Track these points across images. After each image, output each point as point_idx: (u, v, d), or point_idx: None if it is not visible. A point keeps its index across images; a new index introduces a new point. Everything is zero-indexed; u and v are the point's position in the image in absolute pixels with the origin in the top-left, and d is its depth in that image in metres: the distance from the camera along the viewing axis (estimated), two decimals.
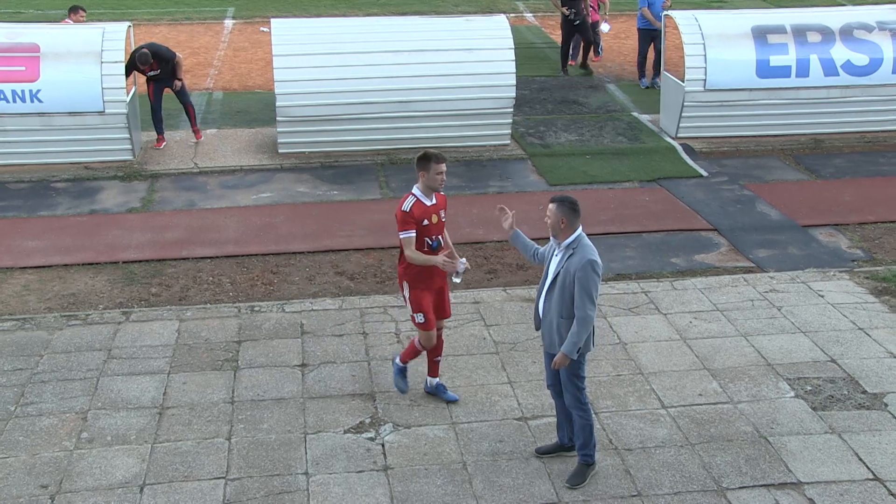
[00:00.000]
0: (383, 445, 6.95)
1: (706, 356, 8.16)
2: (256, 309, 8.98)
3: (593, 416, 6.66)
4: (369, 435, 7.07)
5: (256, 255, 10.32)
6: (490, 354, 8.19)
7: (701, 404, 7.47)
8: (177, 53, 13.41)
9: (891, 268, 9.88)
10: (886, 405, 7.44)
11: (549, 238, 6.51)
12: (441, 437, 7.06)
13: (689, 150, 13.51)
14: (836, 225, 11.13)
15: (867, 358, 8.11)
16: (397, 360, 7.46)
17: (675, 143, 13.70)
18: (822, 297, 9.21)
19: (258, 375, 7.85)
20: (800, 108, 13.75)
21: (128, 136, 12.68)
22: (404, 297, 7.25)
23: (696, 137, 13.80)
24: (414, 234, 6.98)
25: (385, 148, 13.23)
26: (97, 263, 10.10)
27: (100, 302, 9.26)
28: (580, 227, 6.35)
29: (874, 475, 6.65)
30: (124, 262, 10.12)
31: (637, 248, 10.52)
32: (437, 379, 7.54)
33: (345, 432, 7.10)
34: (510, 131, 13.62)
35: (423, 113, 13.08)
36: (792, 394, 7.61)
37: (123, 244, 10.54)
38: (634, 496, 6.44)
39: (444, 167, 7.02)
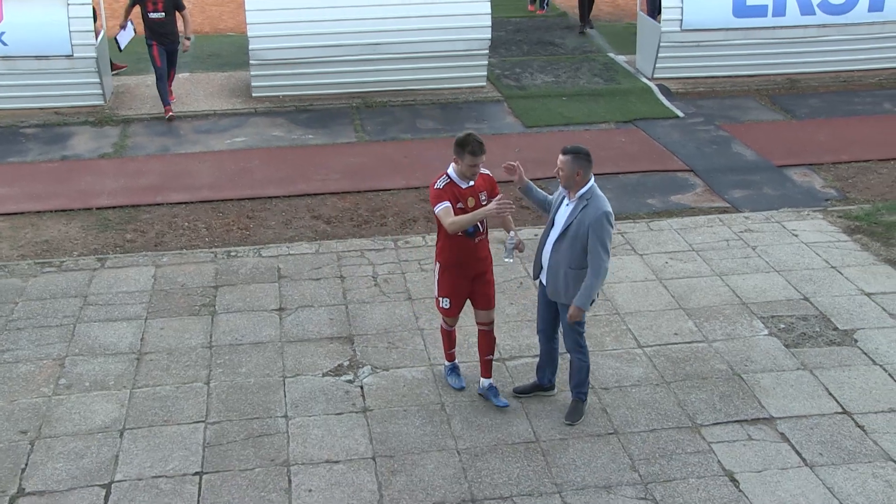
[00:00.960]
0: (362, 388, 6.99)
1: (681, 296, 8.23)
2: (233, 254, 8.95)
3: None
4: (348, 377, 7.11)
5: (232, 199, 10.25)
6: None
7: (676, 343, 7.56)
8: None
9: (863, 206, 9.97)
10: (856, 341, 7.57)
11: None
12: (419, 378, 7.11)
13: (665, 90, 13.48)
14: (811, 165, 11.20)
15: (839, 296, 8.22)
16: (445, 362, 7.06)
17: (651, 84, 13.65)
18: (796, 236, 9.29)
19: (236, 320, 7.84)
20: (776, 48, 13.74)
21: (98, 80, 12.47)
22: (435, 277, 6.68)
23: (673, 78, 13.76)
24: (449, 205, 6.28)
25: (360, 91, 13.12)
26: (70, 210, 10.00)
27: (74, 248, 9.19)
28: (592, 177, 6.24)
29: (843, 409, 6.79)
30: (98, 209, 10.03)
31: (613, 189, 10.53)
32: (490, 380, 6.86)
33: (323, 375, 7.13)
34: (486, 73, 13.53)
35: (398, 55, 12.95)
36: (766, 332, 7.71)
37: (96, 190, 10.43)
38: (611, 434, 6.54)
39: (480, 160, 6.28)
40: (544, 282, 6.47)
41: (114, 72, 13.62)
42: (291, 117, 12.55)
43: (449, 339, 6.96)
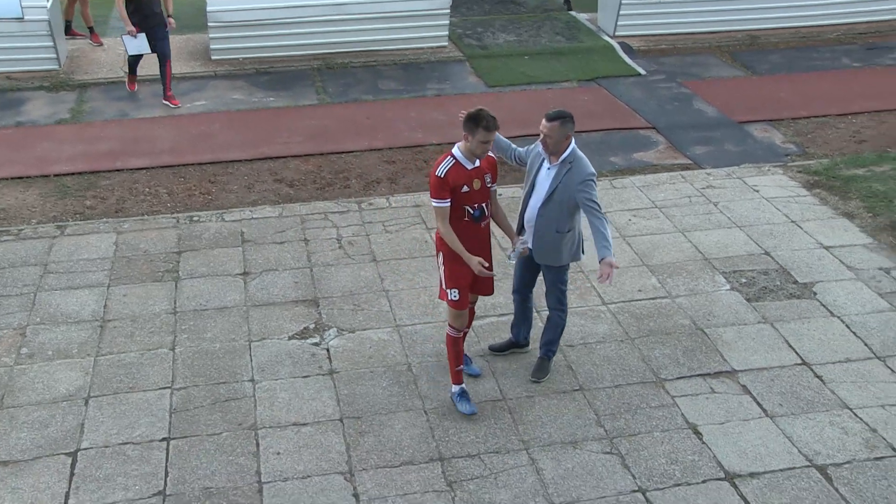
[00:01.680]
0: (328, 350, 6.99)
1: (645, 253, 8.29)
2: (195, 219, 8.86)
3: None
4: (314, 340, 7.10)
5: (193, 164, 10.11)
6: (432, 257, 8.17)
7: (640, 300, 7.62)
8: None
9: (822, 161, 10.08)
10: (815, 294, 7.69)
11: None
12: (385, 339, 7.11)
13: (627, 48, 13.46)
14: (771, 121, 11.27)
15: (798, 249, 8.33)
16: (452, 388, 6.45)
17: (613, 42, 13.63)
18: (757, 191, 9.37)
19: (200, 285, 7.79)
20: (736, 4, 13.78)
21: (52, 44, 12.19)
22: (438, 268, 6.26)
23: (634, 35, 13.75)
24: (447, 205, 5.92)
25: (321, 52, 12.95)
26: (27, 177, 9.81)
27: (32, 216, 9.04)
28: (573, 139, 6.20)
29: (802, 360, 6.91)
30: (56, 176, 9.85)
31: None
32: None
33: (289, 338, 7.11)
34: (447, 33, 13.41)
35: (358, 15, 12.79)
36: (728, 286, 7.80)
37: (54, 157, 10.24)
38: (576, 390, 6.60)
39: (494, 137, 5.98)
40: (530, 245, 6.38)
41: (69, 36, 13.33)
42: (252, 80, 12.39)
43: (456, 353, 6.35)
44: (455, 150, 6.01)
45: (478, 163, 6.03)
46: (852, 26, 14.22)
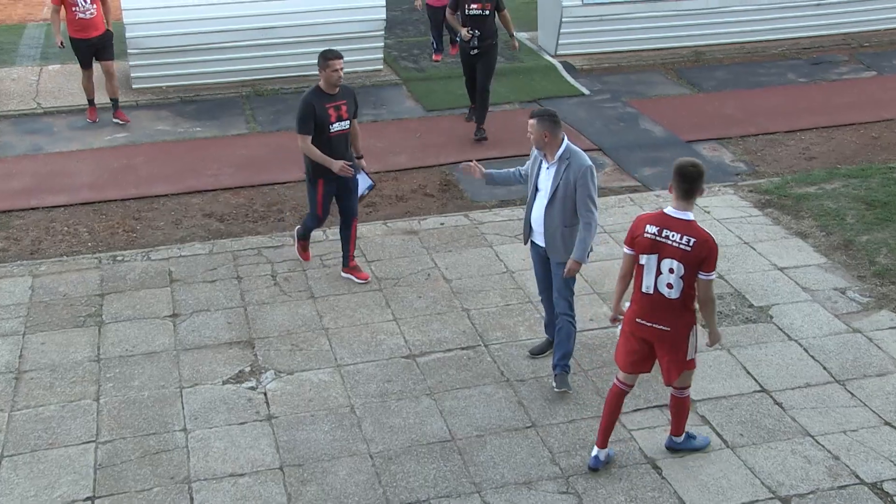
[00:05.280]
0: (265, 394, 6.65)
1: (595, 280, 8.04)
2: (119, 259, 8.43)
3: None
4: (250, 384, 6.76)
5: (115, 200, 9.69)
6: (373, 291, 7.90)
7: (592, 329, 7.38)
8: None
9: (772, 180, 10.00)
10: (772, 317, 7.51)
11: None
12: (326, 381, 6.79)
13: (569, 67, 13.35)
14: (719, 139, 11.20)
15: (753, 272, 8.16)
16: (675, 440, 6.11)
17: (554, 62, 13.51)
18: (709, 213, 9.20)
19: (125, 330, 7.37)
20: (680, 20, 13.78)
21: None
22: (690, 344, 5.77)
23: (577, 54, 13.67)
24: None
25: (250, 79, 12.64)
26: None
27: None
28: (565, 137, 6.42)
29: (761, 387, 6.72)
30: None
31: None
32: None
33: (223, 383, 6.77)
34: (382, 56, 13.21)
35: (288, 39, 12.49)
36: None
37: None
38: (529, 427, 6.34)
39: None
40: (542, 244, 6.59)
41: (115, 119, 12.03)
42: (177, 109, 11.98)
43: (687, 410, 6.09)
44: (692, 215, 5.77)
45: None
46: (797, 41, 14.30)
